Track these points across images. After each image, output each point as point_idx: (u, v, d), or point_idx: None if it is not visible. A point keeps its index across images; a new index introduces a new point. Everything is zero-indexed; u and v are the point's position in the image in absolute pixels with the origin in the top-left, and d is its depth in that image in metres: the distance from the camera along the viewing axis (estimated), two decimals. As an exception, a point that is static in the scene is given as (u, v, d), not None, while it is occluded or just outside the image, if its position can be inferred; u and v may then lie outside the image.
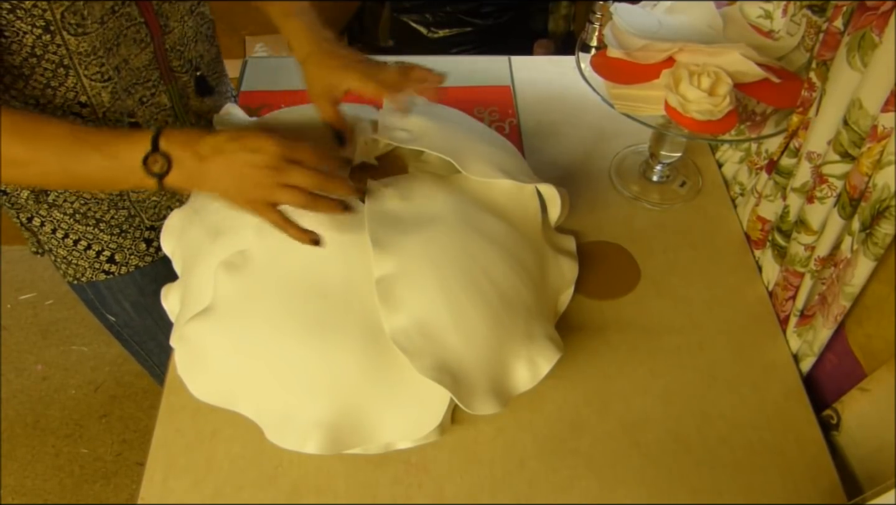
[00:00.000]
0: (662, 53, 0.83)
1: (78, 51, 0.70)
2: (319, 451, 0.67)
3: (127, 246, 0.89)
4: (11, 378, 1.72)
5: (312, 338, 0.68)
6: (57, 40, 0.69)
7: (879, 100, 0.62)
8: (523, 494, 0.71)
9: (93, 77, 0.73)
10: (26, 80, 0.71)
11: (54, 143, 0.63)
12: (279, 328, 0.69)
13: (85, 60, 0.72)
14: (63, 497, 1.55)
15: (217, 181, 0.64)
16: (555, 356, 0.72)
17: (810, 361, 0.79)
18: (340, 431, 0.68)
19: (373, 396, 0.69)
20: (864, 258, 0.66)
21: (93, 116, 0.76)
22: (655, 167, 0.99)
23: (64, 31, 0.68)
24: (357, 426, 0.69)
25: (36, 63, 0.70)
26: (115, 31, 0.73)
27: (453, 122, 0.87)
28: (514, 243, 0.77)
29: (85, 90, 0.74)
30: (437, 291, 0.69)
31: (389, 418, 0.70)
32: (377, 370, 0.69)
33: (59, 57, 0.70)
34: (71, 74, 0.72)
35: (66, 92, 0.73)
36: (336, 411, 0.68)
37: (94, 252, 0.88)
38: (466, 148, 0.80)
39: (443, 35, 1.93)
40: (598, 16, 0.97)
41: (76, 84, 0.73)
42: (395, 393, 0.70)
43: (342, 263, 0.71)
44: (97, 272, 0.90)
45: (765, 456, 0.74)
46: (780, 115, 0.82)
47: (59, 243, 0.86)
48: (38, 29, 0.67)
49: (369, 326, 0.69)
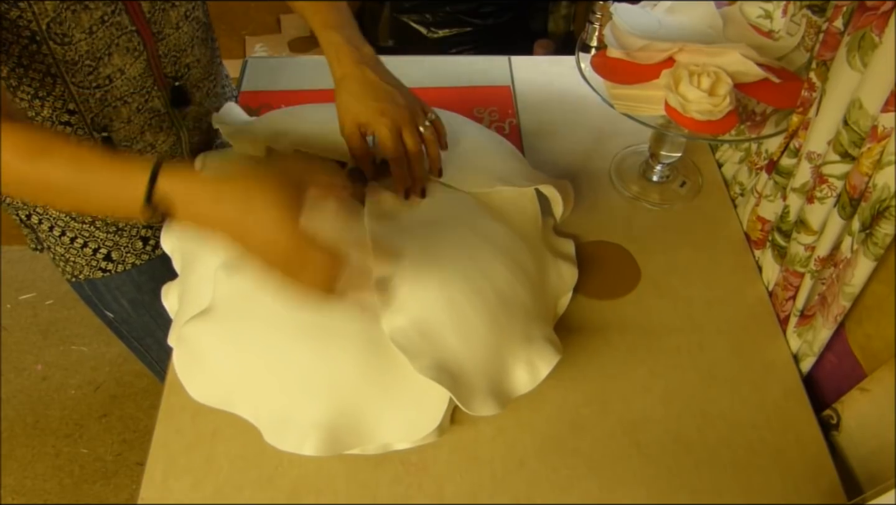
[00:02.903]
0: (662, 53, 0.84)
1: (65, 59, 0.70)
2: (317, 452, 0.67)
3: (123, 244, 0.90)
4: (11, 378, 1.72)
5: (311, 339, 0.68)
6: (43, 49, 0.68)
7: (879, 100, 0.62)
8: (523, 494, 0.71)
9: (80, 85, 0.73)
10: (14, 92, 0.71)
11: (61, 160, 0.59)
12: (278, 329, 0.69)
13: (72, 69, 0.71)
14: (63, 497, 1.55)
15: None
16: (554, 359, 0.72)
17: (810, 361, 0.79)
18: (338, 432, 0.68)
19: (371, 397, 0.69)
20: (864, 258, 0.66)
21: (81, 124, 0.76)
22: (655, 167, 0.99)
23: (50, 40, 0.68)
24: (355, 427, 0.69)
25: (23, 73, 0.69)
26: (105, 40, 0.72)
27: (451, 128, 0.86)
28: (514, 246, 0.77)
29: (73, 98, 0.73)
30: (436, 292, 0.69)
31: (388, 419, 0.70)
32: (375, 371, 0.69)
33: (46, 66, 0.70)
34: (59, 83, 0.72)
35: (53, 101, 0.73)
36: (334, 412, 0.68)
37: (90, 250, 0.88)
38: (462, 162, 0.80)
39: (443, 35, 1.93)
40: (598, 16, 0.97)
41: (64, 92, 0.72)
42: (393, 394, 0.70)
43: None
44: (94, 270, 0.90)
45: (765, 456, 0.74)
46: (780, 115, 0.82)
47: (56, 241, 0.86)
48: (24, 39, 0.67)
49: (368, 328, 0.69)
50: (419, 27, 1.93)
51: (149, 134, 0.83)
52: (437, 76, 1.15)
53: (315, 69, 1.16)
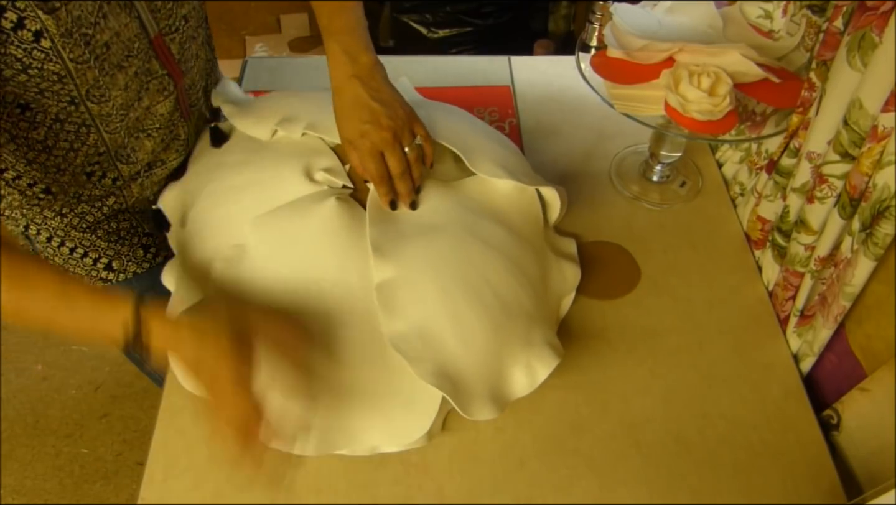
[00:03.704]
0: (662, 53, 0.84)
1: (100, 114, 0.72)
2: (307, 452, 0.68)
3: (125, 253, 0.89)
4: (11, 378, 1.72)
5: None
6: (81, 109, 0.70)
7: (879, 100, 0.62)
8: (523, 494, 0.71)
9: (113, 132, 0.75)
10: (49, 152, 0.72)
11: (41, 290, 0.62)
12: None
13: (106, 119, 0.73)
14: (63, 497, 1.55)
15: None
16: (553, 362, 0.72)
17: (810, 361, 0.79)
18: (328, 433, 0.69)
19: (361, 401, 0.70)
20: (864, 258, 0.66)
21: (108, 160, 0.78)
22: (655, 167, 0.99)
23: (87, 101, 0.69)
24: (344, 428, 0.70)
25: (59, 129, 0.71)
26: (136, 89, 0.74)
27: (459, 117, 0.87)
28: (516, 249, 0.77)
29: (105, 143, 0.75)
30: (436, 297, 0.69)
31: (377, 423, 0.70)
32: (367, 375, 0.70)
33: (82, 120, 0.71)
34: (92, 132, 0.73)
35: (87, 150, 0.75)
36: (324, 414, 0.69)
37: (90, 260, 0.87)
38: (474, 144, 0.80)
39: (443, 35, 1.93)
40: (598, 16, 0.97)
41: (97, 140, 0.74)
42: (383, 398, 0.70)
43: (337, 268, 0.72)
44: (95, 280, 0.89)
45: (765, 456, 0.74)
46: (780, 115, 0.82)
47: (55, 252, 0.85)
48: (63, 102, 0.68)
49: (363, 331, 0.69)
50: (419, 27, 1.93)
51: (162, 153, 0.85)
52: (437, 76, 1.15)
53: (315, 69, 1.16)
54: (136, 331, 0.61)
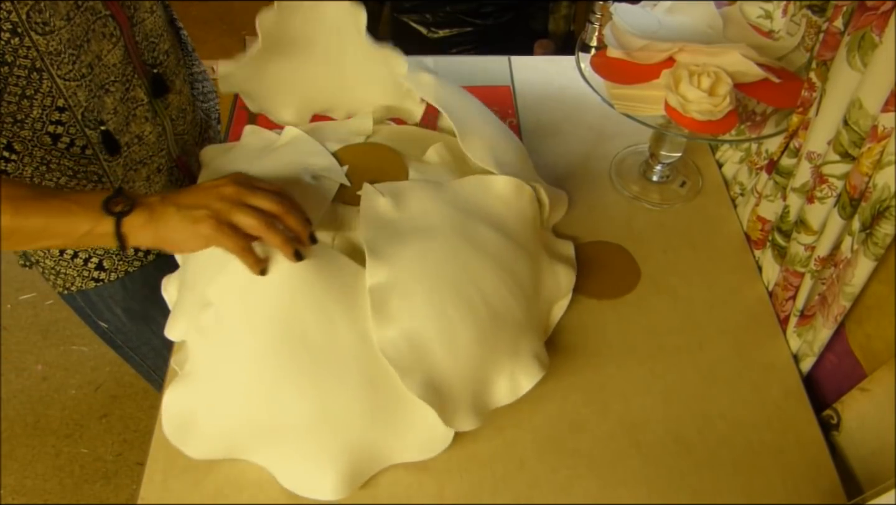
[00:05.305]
0: (662, 53, 0.84)
1: (48, 51, 0.70)
2: (336, 495, 0.68)
3: (115, 252, 0.88)
4: (11, 378, 1.72)
5: (305, 379, 0.68)
6: (26, 42, 0.68)
7: (879, 100, 0.62)
8: (523, 494, 0.71)
9: (66, 77, 0.73)
10: (0, 95, 0.71)
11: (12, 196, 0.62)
12: (265, 380, 0.68)
13: (56, 60, 0.71)
14: (63, 497, 1.55)
15: (177, 218, 0.63)
16: (538, 375, 0.73)
17: (810, 361, 0.79)
18: (355, 466, 0.69)
19: (380, 427, 0.70)
20: (864, 258, 0.66)
21: (72, 121, 0.76)
22: (655, 167, 0.99)
23: (31, 31, 0.67)
24: (370, 457, 0.70)
25: (8, 72, 0.69)
26: (82, 26, 0.72)
27: (470, 101, 0.86)
28: (509, 255, 0.76)
29: (61, 92, 0.73)
30: (427, 303, 0.69)
31: (401, 444, 0.70)
32: (380, 399, 0.69)
33: (31, 60, 0.69)
34: (45, 78, 0.71)
35: (42, 99, 0.73)
36: (346, 448, 0.69)
37: (81, 260, 0.87)
38: (473, 126, 0.80)
39: (443, 35, 1.93)
40: (598, 16, 0.98)
41: (51, 87, 0.72)
42: (402, 419, 0.70)
43: (313, 302, 0.68)
44: (87, 280, 0.89)
45: (765, 456, 0.74)
46: (780, 115, 0.82)
47: (45, 254, 0.85)
48: (5, 32, 0.66)
49: (358, 358, 0.68)
50: (419, 27, 1.93)
51: (134, 125, 0.83)
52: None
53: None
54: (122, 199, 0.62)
